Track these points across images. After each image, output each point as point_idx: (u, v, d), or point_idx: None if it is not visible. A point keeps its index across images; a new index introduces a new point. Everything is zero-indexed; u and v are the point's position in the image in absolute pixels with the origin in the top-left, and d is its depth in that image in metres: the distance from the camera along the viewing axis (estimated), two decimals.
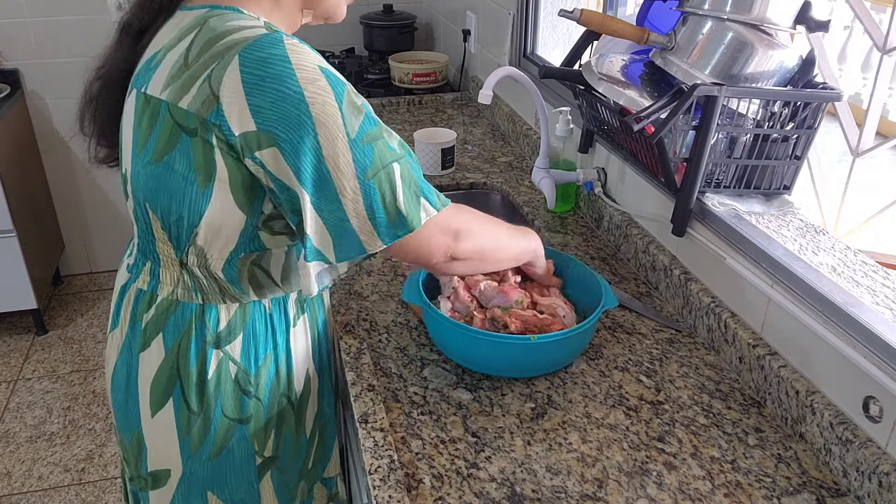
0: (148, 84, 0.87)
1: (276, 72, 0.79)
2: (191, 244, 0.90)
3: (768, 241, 1.05)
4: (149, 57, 0.90)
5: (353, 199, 0.84)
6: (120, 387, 1.00)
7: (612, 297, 1.08)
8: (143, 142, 0.88)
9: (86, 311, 2.92)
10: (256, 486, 1.04)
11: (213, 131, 0.82)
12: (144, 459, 1.01)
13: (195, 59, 0.83)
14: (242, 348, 0.97)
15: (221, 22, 0.84)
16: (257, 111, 0.79)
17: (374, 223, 0.86)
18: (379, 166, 0.84)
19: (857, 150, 1.18)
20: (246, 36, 0.81)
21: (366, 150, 0.83)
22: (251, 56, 0.79)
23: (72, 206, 3.01)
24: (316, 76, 0.80)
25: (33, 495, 2.08)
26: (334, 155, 0.81)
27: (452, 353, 1.07)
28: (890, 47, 1.10)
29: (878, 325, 0.86)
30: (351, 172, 0.83)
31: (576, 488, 0.87)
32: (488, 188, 1.75)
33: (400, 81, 2.46)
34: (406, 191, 0.86)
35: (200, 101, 0.81)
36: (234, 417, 0.98)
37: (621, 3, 1.73)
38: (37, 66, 2.75)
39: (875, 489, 0.83)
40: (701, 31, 1.09)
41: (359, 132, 0.83)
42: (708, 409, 1.01)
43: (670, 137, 1.12)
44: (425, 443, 0.94)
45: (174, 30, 0.89)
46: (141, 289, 0.96)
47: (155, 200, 0.89)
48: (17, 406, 2.42)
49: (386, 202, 0.85)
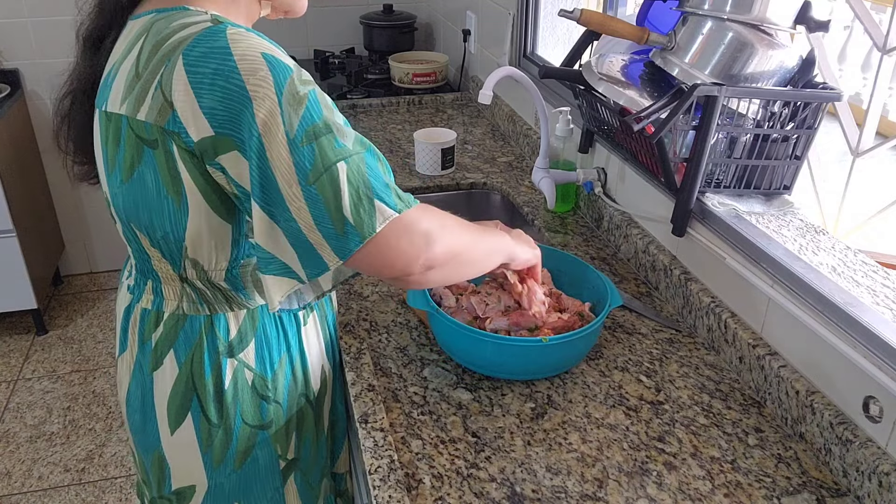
0: (107, 101, 0.84)
1: (218, 67, 0.74)
2: (185, 258, 0.88)
3: (768, 241, 1.05)
4: (106, 73, 0.87)
5: (300, 208, 0.76)
6: (136, 408, 0.98)
7: (617, 295, 1.08)
8: (112, 162, 0.85)
9: (86, 311, 2.92)
10: (282, 491, 1.03)
11: (174, 139, 0.78)
12: (168, 479, 0.99)
13: (145, 67, 0.79)
14: (256, 354, 0.95)
15: (167, 23, 0.80)
16: (211, 114, 0.75)
17: (324, 234, 0.77)
18: (321, 169, 0.75)
19: (857, 150, 1.18)
20: (190, 33, 0.77)
21: (305, 151, 0.75)
22: (194, 53, 0.75)
23: (72, 206, 3.01)
24: (257, 65, 0.74)
25: (33, 495, 2.08)
26: (276, 157, 0.74)
27: (460, 357, 1.06)
28: (890, 47, 1.10)
29: (878, 325, 0.86)
30: (293, 177, 0.75)
31: (576, 488, 0.87)
32: (488, 188, 1.75)
33: (400, 81, 2.46)
34: (353, 194, 0.76)
35: (157, 110, 0.77)
36: (255, 424, 0.97)
37: (621, 3, 1.73)
38: (37, 66, 2.75)
39: (875, 489, 0.83)
40: (701, 31, 1.09)
41: (298, 129, 0.75)
42: (708, 409, 1.01)
43: (670, 137, 1.12)
44: (425, 443, 0.94)
45: (124, 41, 0.85)
46: (146, 308, 0.94)
47: (137, 219, 0.86)
48: (17, 406, 2.42)
49: (331, 210, 0.75)
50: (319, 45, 2.86)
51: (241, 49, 0.75)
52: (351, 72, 2.51)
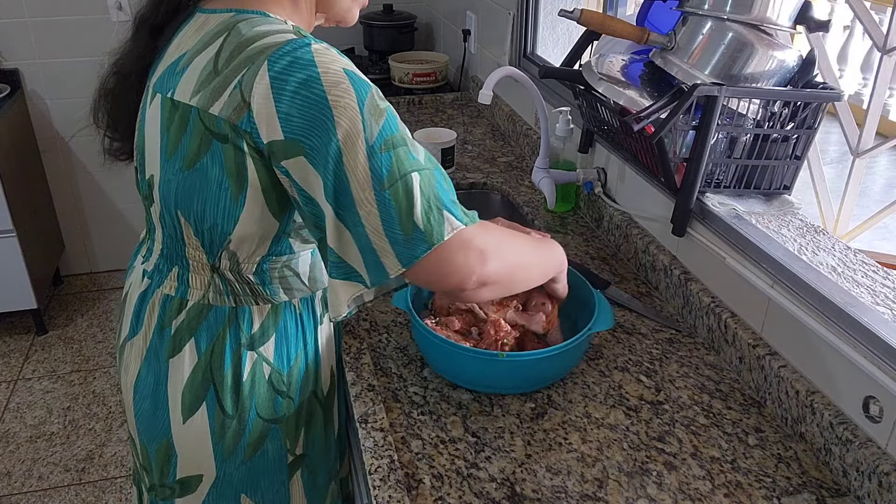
0: (175, 89, 0.86)
1: (302, 77, 0.77)
2: (224, 249, 0.90)
3: (768, 241, 1.05)
4: (172, 61, 0.89)
5: (370, 212, 0.79)
6: (146, 395, 0.98)
7: (606, 318, 1.02)
8: (172, 148, 0.87)
9: (86, 312, 2.92)
10: (287, 486, 1.04)
11: (245, 138, 0.81)
12: (173, 467, 1.00)
13: (225, 65, 0.82)
14: (276, 349, 0.97)
15: (250, 27, 0.83)
16: (286, 119, 0.78)
17: (390, 240, 0.79)
18: (396, 176, 0.78)
19: (857, 150, 1.18)
20: (276, 41, 0.80)
21: (384, 158, 0.78)
22: (280, 61, 0.78)
23: (72, 206, 3.01)
24: (340, 78, 0.78)
25: (33, 495, 2.08)
26: (353, 163, 0.78)
27: (431, 362, 1.07)
28: (890, 47, 1.11)
29: (878, 325, 0.86)
30: (367, 182, 0.78)
31: (576, 488, 0.87)
32: (488, 188, 1.75)
33: (400, 81, 2.46)
34: (424, 203, 0.79)
35: (232, 108, 0.80)
36: (269, 418, 0.98)
37: (621, 3, 1.73)
38: (37, 66, 2.75)
39: (875, 489, 0.83)
40: (701, 31, 1.09)
41: (378, 137, 0.78)
42: (708, 409, 1.01)
43: (670, 137, 1.12)
44: (425, 443, 0.94)
45: (198, 33, 0.87)
46: (168, 294, 0.95)
47: (188, 207, 0.88)
48: (17, 406, 2.42)
49: (402, 216, 0.78)
50: None
51: (325, 63, 0.79)
52: None
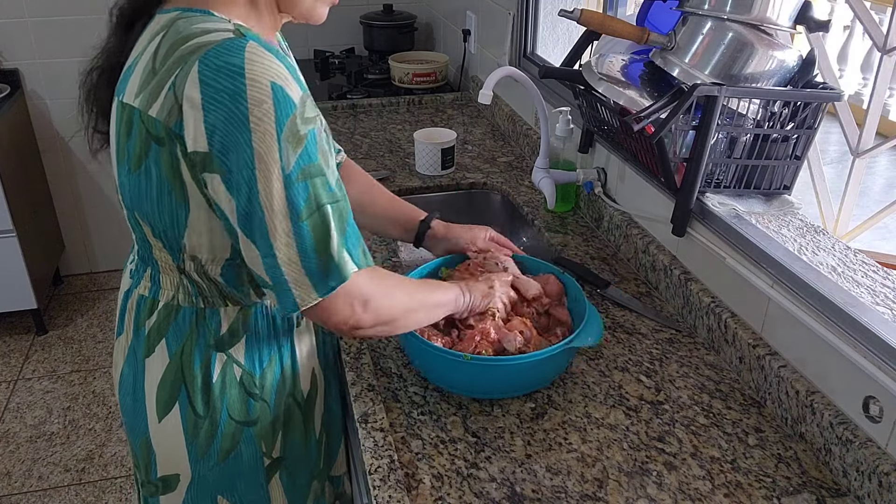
0: (124, 92, 0.85)
1: (229, 86, 0.75)
2: (183, 252, 0.89)
3: (768, 241, 1.05)
4: (127, 64, 0.88)
5: (286, 243, 0.79)
6: (128, 392, 1.00)
7: (594, 332, 1.00)
8: (123, 151, 0.86)
9: (86, 312, 2.92)
10: (266, 488, 1.04)
11: (177, 142, 0.79)
12: (154, 465, 1.01)
13: (161, 64, 0.80)
14: (246, 351, 0.96)
15: (188, 24, 0.81)
16: (211, 132, 0.76)
17: (307, 271, 0.80)
18: (314, 207, 0.79)
19: (857, 150, 1.18)
20: (210, 40, 0.78)
21: (300, 188, 0.78)
22: (210, 64, 0.76)
23: (72, 206, 3.01)
24: (264, 96, 0.75)
25: (33, 495, 2.08)
26: (268, 192, 0.77)
27: (408, 356, 1.07)
28: (890, 47, 1.11)
29: (878, 325, 0.86)
30: (284, 212, 0.78)
31: (576, 488, 0.87)
32: (488, 188, 1.75)
33: (400, 81, 2.46)
34: (339, 237, 0.81)
35: (167, 110, 0.79)
36: (241, 420, 0.98)
37: (621, 3, 1.73)
38: (37, 66, 2.75)
39: (875, 489, 0.83)
40: (701, 31, 1.09)
41: (295, 167, 0.77)
42: (708, 409, 1.01)
43: (670, 137, 1.12)
44: (425, 443, 0.94)
45: (148, 33, 0.86)
46: (143, 295, 0.96)
47: (141, 209, 0.88)
48: (17, 406, 2.42)
49: (318, 247, 0.80)
50: (319, 45, 2.86)
51: (254, 74, 0.76)
52: (351, 72, 2.50)
